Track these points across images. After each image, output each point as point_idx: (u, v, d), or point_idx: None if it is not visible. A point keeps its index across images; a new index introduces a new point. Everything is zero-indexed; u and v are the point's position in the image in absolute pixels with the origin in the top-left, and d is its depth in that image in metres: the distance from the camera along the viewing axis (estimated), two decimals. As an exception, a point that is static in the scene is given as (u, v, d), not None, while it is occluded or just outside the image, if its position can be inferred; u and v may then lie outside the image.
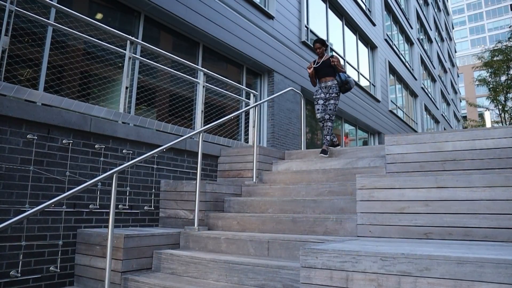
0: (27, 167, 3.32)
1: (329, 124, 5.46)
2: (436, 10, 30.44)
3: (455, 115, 35.80)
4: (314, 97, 5.64)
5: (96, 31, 4.72)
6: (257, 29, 8.90)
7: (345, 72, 5.58)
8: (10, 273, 3.12)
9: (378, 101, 15.30)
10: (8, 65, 3.57)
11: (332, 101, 5.47)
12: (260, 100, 8.85)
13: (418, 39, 22.43)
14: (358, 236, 3.16)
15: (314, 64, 5.65)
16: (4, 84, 3.40)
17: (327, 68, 5.54)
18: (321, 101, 5.53)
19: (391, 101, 17.20)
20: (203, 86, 5.53)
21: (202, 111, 5.45)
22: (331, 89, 5.50)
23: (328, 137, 5.39)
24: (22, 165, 3.30)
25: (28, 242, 3.25)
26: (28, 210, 2.75)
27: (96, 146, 3.86)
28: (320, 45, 5.59)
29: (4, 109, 3.20)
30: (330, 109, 5.48)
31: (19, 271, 3.16)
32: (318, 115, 5.53)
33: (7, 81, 3.56)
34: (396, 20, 18.93)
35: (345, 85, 5.56)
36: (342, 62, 13.16)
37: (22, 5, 3.89)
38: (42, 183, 3.42)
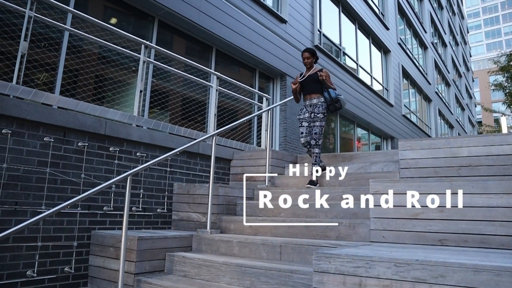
0: (43, 169, 3.39)
1: (316, 151, 4.62)
2: (450, 14, 30.12)
3: (470, 120, 35.28)
4: (297, 117, 4.89)
5: (111, 36, 4.79)
6: (270, 33, 8.92)
7: (335, 89, 4.81)
8: (27, 273, 3.17)
9: (391, 105, 15.17)
10: (26, 69, 3.64)
11: (317, 123, 4.65)
12: (273, 103, 8.86)
13: (432, 43, 22.21)
14: (371, 242, 3.13)
15: (299, 77, 4.89)
16: (23, 88, 3.47)
17: (314, 83, 4.74)
18: (305, 123, 4.76)
19: (405, 105, 17.02)
20: (216, 90, 5.56)
21: (215, 114, 5.48)
22: (317, 108, 4.69)
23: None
24: (39, 167, 3.36)
25: (44, 243, 3.31)
26: (44, 212, 2.80)
27: (110, 149, 3.91)
28: (309, 55, 4.81)
29: (23, 112, 3.27)
30: (315, 133, 4.65)
31: (35, 271, 3.21)
32: (302, 140, 4.74)
33: (25, 85, 3.64)
34: (409, 24, 18.78)
35: (335, 104, 4.76)
36: (354, 68, 13.10)
37: (40, 11, 3.98)
38: (58, 185, 3.48)
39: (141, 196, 4.14)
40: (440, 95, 23.40)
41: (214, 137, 4.03)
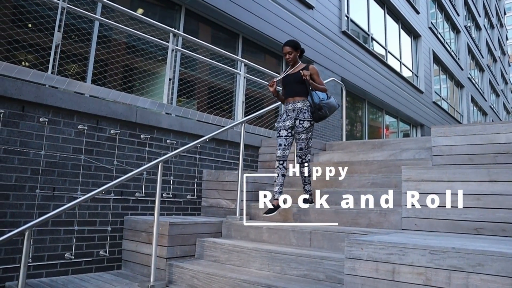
0: (78, 156, 3.49)
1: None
2: (485, -5, 28.72)
3: (505, 106, 33.82)
4: (276, 125, 3.90)
5: (140, 25, 4.84)
6: (296, 20, 8.80)
7: (325, 91, 3.80)
8: (65, 255, 3.31)
9: (421, 92, 14.74)
10: (60, 59, 3.74)
11: (303, 136, 3.67)
12: (299, 91, 8.76)
13: (465, 26, 21.31)
14: (403, 229, 3.08)
15: (281, 75, 3.99)
16: (57, 78, 3.57)
17: (297, 83, 3.76)
18: (284, 132, 3.71)
19: (435, 92, 16.50)
20: (244, 77, 5.55)
21: (243, 102, 5.48)
22: (301, 114, 3.69)
23: (307, 186, 3.76)
24: (74, 154, 3.47)
25: (80, 227, 3.44)
26: (80, 197, 2.90)
27: (141, 136, 3.98)
28: (290, 49, 3.82)
29: (58, 101, 3.38)
30: (300, 149, 3.70)
31: (72, 254, 3.35)
32: (279, 152, 3.66)
33: (60, 74, 3.74)
34: (441, 7, 18.05)
35: (319, 111, 3.68)
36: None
37: (72, 2, 4.06)
38: (92, 171, 3.58)
39: (171, 183, 4.21)
40: (473, 81, 22.51)
41: (243, 124, 4.04)
